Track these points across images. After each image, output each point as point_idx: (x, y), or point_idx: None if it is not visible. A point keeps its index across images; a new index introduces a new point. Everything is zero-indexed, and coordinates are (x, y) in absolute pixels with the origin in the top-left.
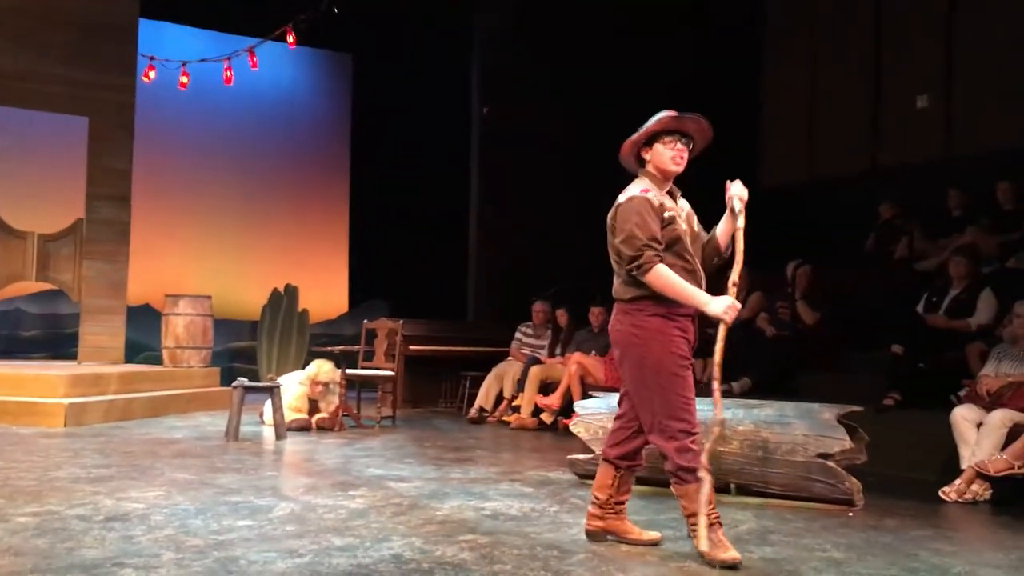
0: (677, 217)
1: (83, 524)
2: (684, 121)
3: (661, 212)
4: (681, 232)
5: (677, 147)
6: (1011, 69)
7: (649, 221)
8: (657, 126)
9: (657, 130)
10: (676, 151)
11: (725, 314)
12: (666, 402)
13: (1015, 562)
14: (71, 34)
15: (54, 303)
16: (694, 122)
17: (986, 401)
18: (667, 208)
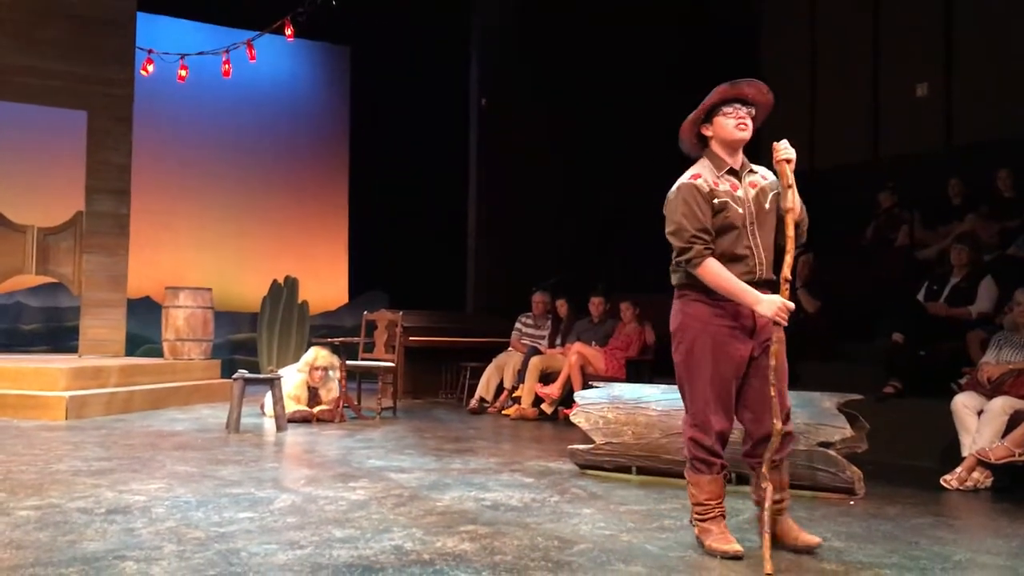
0: (731, 202)
1: (84, 517)
2: (740, 86)
3: (711, 199)
4: (735, 218)
5: (739, 114)
6: (1010, 58)
7: (697, 211)
8: (715, 97)
9: (715, 102)
10: (739, 118)
11: (776, 316)
12: (692, 389)
13: (1016, 549)
14: (70, 28)
15: (54, 296)
16: (751, 85)
17: (987, 389)
18: (718, 194)
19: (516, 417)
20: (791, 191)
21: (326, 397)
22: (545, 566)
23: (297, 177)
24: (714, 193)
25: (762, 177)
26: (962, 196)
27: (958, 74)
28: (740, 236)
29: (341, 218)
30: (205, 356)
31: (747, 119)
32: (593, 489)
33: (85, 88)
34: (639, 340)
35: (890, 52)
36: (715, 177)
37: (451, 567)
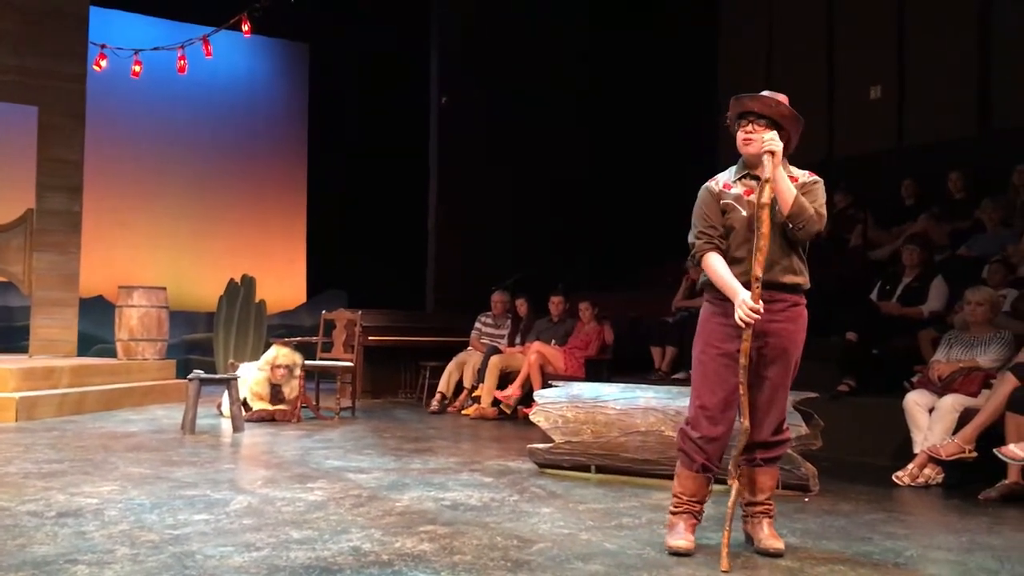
0: (736, 204)
1: (35, 520)
2: (742, 101)
3: (719, 200)
4: (737, 220)
5: (746, 129)
6: (961, 60)
7: (706, 211)
8: (729, 111)
9: (731, 115)
10: (745, 132)
11: (739, 319)
12: (692, 385)
13: (966, 544)
14: (21, 21)
15: (4, 295)
16: (754, 100)
17: (937, 387)
18: (726, 196)
19: (476, 416)
20: (767, 186)
21: (289, 394)
22: (504, 565)
23: (254, 175)
24: (722, 195)
25: (791, 179)
26: (915, 197)
27: (911, 77)
28: (742, 239)
29: (299, 216)
30: (160, 356)
31: (754, 134)
32: (552, 488)
33: (36, 83)
34: (598, 339)
35: (844, 55)
36: (733, 180)
37: (410, 568)
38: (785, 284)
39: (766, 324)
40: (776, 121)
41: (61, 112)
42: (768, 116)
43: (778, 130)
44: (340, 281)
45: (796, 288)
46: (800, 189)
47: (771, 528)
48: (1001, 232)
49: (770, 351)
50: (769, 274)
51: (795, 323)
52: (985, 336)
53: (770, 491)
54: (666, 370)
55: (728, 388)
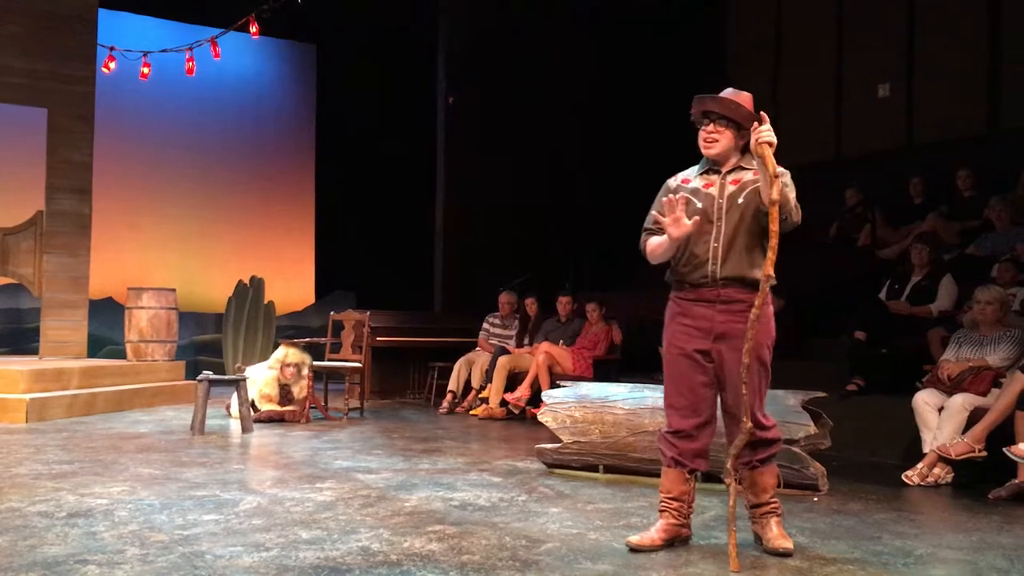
0: (692, 198)
1: (45, 521)
2: (703, 102)
3: (676, 193)
4: (691, 213)
5: (707, 130)
6: (970, 58)
7: (657, 204)
8: (692, 110)
9: (694, 114)
10: (706, 133)
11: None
12: (664, 383)
13: (976, 544)
14: (30, 24)
15: (15, 297)
16: (715, 101)
17: (947, 386)
18: (683, 190)
19: (484, 417)
20: (777, 181)
21: (298, 395)
22: (513, 565)
23: (263, 176)
24: (679, 190)
25: (754, 173)
26: (923, 196)
27: (919, 75)
28: (700, 232)
29: (307, 217)
30: (169, 357)
31: (715, 134)
32: (560, 488)
33: (45, 85)
34: (606, 339)
35: (853, 53)
36: (695, 175)
37: (419, 567)
38: (746, 280)
39: (725, 325)
40: (736, 121)
41: (70, 114)
42: (728, 116)
43: (738, 129)
44: (348, 282)
45: (757, 284)
46: (756, 184)
47: (779, 527)
48: (1010, 231)
49: (734, 354)
50: (729, 268)
51: (758, 319)
52: (994, 335)
53: (772, 490)
54: None
55: (693, 387)
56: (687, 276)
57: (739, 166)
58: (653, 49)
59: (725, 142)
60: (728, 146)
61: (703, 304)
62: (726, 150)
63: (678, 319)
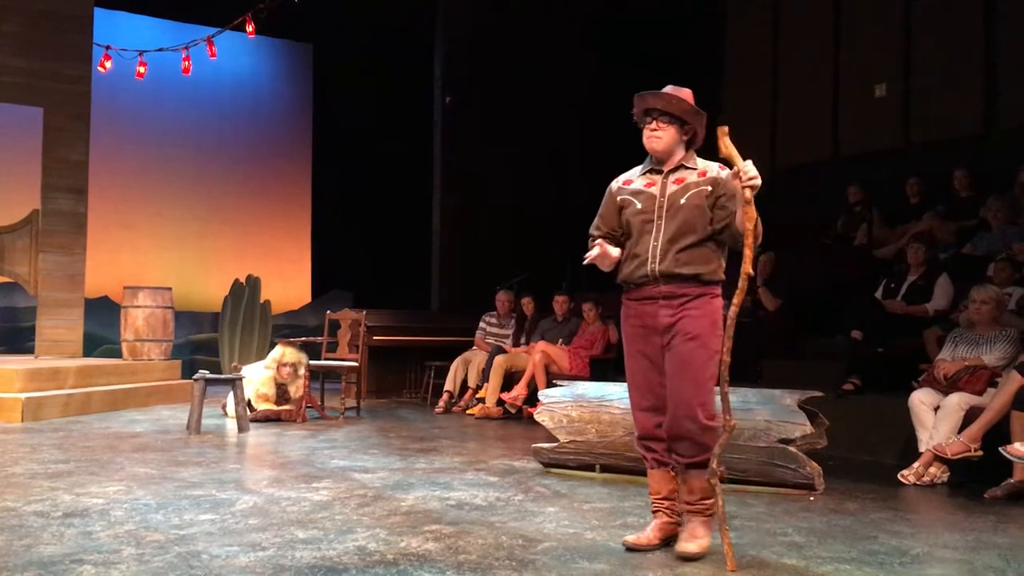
0: (632, 198)
1: (41, 520)
2: (644, 99)
3: (616, 197)
4: (633, 214)
5: (651, 127)
6: (966, 58)
7: (601, 210)
8: (634, 108)
9: (636, 112)
10: (649, 131)
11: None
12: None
13: (972, 543)
14: (26, 23)
15: (10, 296)
16: (656, 97)
17: (943, 385)
18: (624, 191)
19: (480, 416)
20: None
21: (294, 395)
22: (509, 565)
23: (259, 175)
24: (620, 191)
25: (698, 174)
26: (920, 195)
27: (916, 75)
28: (641, 231)
29: (304, 216)
30: (165, 356)
31: (657, 131)
32: (557, 487)
33: (41, 84)
34: (603, 339)
35: (849, 53)
36: (638, 175)
37: (415, 567)
38: (685, 275)
39: (667, 319)
40: (679, 117)
41: (66, 113)
42: (670, 112)
43: (682, 125)
44: (345, 281)
45: (698, 279)
46: (711, 184)
47: (703, 528)
48: (1006, 230)
49: (675, 343)
50: (669, 265)
51: (699, 310)
52: (990, 334)
53: (702, 492)
54: None
55: (653, 387)
56: (631, 276)
57: (682, 165)
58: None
59: (668, 138)
60: (671, 142)
61: (647, 302)
62: (669, 147)
63: (630, 321)
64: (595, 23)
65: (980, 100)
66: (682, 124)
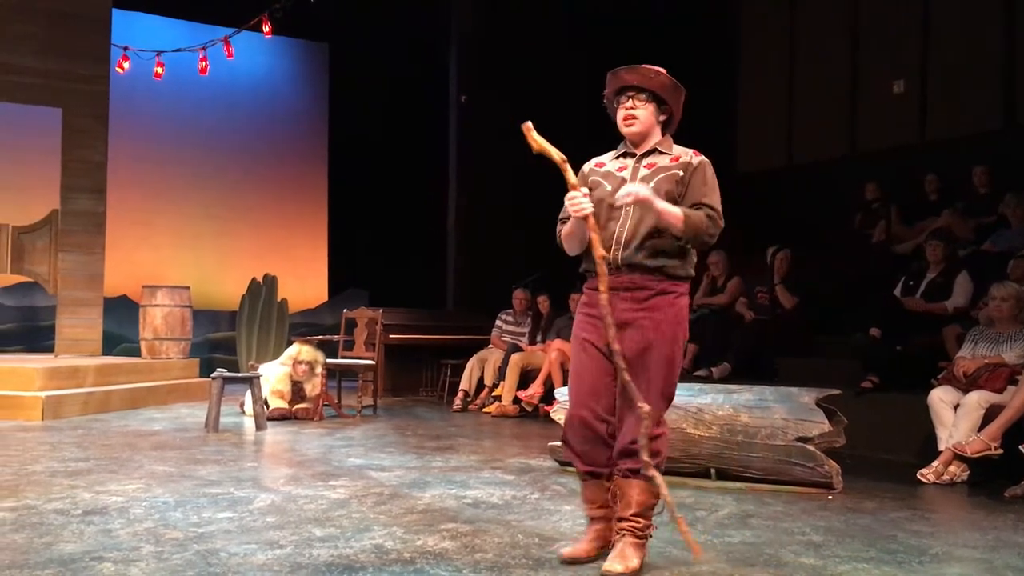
0: (602, 181)
1: (61, 518)
2: (620, 75)
3: (587, 178)
4: (598, 197)
5: (626, 106)
6: (985, 54)
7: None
8: (606, 88)
9: (608, 92)
10: (626, 110)
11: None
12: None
13: (992, 542)
14: (45, 24)
15: (30, 295)
16: (631, 72)
17: (963, 383)
18: (595, 173)
19: (497, 414)
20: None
21: (311, 392)
22: (526, 563)
23: (276, 174)
24: (592, 173)
25: (671, 159)
26: (938, 192)
27: (934, 71)
28: (608, 217)
29: (320, 215)
30: (183, 355)
31: (634, 110)
32: (573, 486)
33: (60, 85)
34: None
35: (867, 49)
36: (611, 158)
37: (432, 565)
38: (649, 267)
39: (626, 314)
40: (657, 94)
41: (85, 114)
42: (649, 89)
43: (659, 104)
44: (361, 280)
45: (663, 271)
46: (682, 170)
47: (631, 549)
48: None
49: (630, 345)
50: (632, 254)
51: (661, 312)
52: (1011, 332)
53: (639, 507)
54: (687, 367)
55: (592, 380)
56: (594, 264)
57: (656, 149)
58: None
59: (645, 118)
60: (649, 122)
61: (607, 292)
62: (646, 127)
63: (584, 308)
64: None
65: (999, 96)
66: (659, 104)
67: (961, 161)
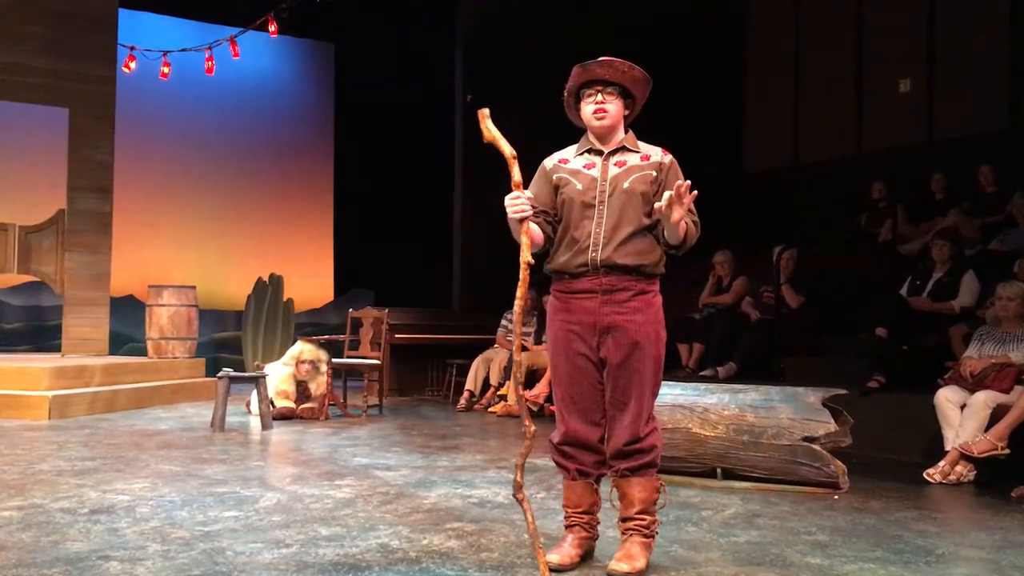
0: (571, 179)
1: (68, 517)
2: (590, 68)
3: (551, 175)
4: (573, 194)
5: (596, 100)
6: (990, 53)
7: (534, 188)
8: (572, 80)
9: (574, 85)
10: (596, 104)
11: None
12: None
13: (998, 542)
14: (50, 25)
15: (37, 295)
16: (603, 66)
17: (969, 383)
18: (562, 170)
19: (502, 414)
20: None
21: (315, 392)
22: (531, 563)
23: (282, 174)
24: (557, 169)
25: (641, 157)
26: (945, 191)
27: (940, 70)
28: (581, 216)
29: (326, 215)
30: (189, 354)
31: (605, 104)
32: None
33: (66, 85)
34: None
35: (873, 48)
36: (575, 154)
37: (437, 565)
38: (628, 266)
39: (609, 317)
40: (626, 88)
41: (91, 114)
42: (619, 83)
43: (625, 97)
44: (367, 279)
45: (640, 271)
46: (655, 170)
47: (639, 548)
48: None
49: (617, 348)
50: (612, 254)
51: (643, 313)
52: (1018, 332)
53: (642, 504)
54: (693, 367)
55: (579, 388)
56: (567, 265)
57: (623, 146)
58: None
59: (615, 112)
60: (617, 117)
61: (584, 295)
62: (615, 123)
63: (560, 316)
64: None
65: (1005, 95)
66: (625, 97)
67: (967, 160)
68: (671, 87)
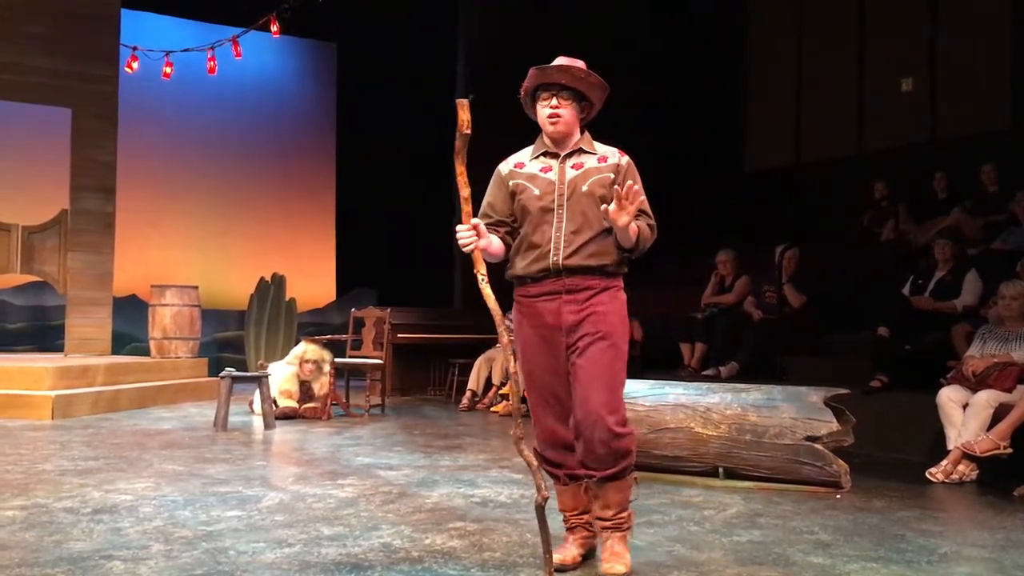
0: (527, 184)
1: (71, 517)
2: (548, 72)
3: (507, 181)
4: (530, 200)
5: (551, 104)
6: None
7: (487, 196)
8: (529, 81)
9: (530, 87)
10: (551, 108)
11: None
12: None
13: (1001, 541)
14: (53, 25)
15: (40, 295)
16: (561, 71)
17: (972, 382)
18: (517, 175)
19: (504, 414)
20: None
21: (319, 392)
22: (534, 562)
23: (284, 174)
24: (512, 175)
25: (598, 159)
26: (947, 190)
27: (943, 69)
28: (539, 220)
29: (328, 215)
30: (192, 354)
31: (560, 109)
32: None
33: (69, 85)
34: None
35: (875, 47)
36: (530, 158)
37: (440, 564)
38: (591, 267)
39: (571, 316)
40: (582, 93)
41: (94, 114)
42: (573, 88)
43: (580, 101)
44: (369, 279)
45: (603, 270)
46: (613, 172)
47: (621, 544)
48: None
49: (582, 341)
50: (574, 257)
51: (605, 305)
52: (1020, 331)
53: (619, 505)
54: (695, 366)
55: (552, 390)
56: (527, 269)
57: (580, 148)
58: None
59: (569, 117)
60: (572, 122)
61: (548, 298)
62: (570, 127)
63: (527, 322)
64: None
65: (1008, 94)
66: (580, 101)
67: (970, 159)
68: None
